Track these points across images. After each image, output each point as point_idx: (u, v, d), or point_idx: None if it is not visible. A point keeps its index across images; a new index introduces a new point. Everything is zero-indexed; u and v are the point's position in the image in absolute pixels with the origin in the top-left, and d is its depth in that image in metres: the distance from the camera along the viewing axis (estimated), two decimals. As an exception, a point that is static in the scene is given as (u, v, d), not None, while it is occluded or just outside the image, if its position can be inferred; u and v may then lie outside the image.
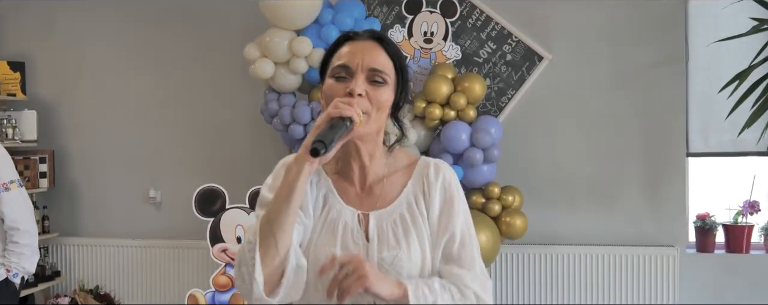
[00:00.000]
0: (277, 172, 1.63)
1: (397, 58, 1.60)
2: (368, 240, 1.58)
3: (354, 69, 1.54)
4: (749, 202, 4.45)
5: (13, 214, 3.05)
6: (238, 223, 4.05)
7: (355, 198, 1.64)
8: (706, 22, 4.41)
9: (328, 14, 4.01)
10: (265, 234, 1.45)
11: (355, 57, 1.55)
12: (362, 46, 1.57)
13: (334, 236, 1.58)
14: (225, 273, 4.05)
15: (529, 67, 4.44)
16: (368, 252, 1.57)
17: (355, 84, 1.53)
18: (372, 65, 1.55)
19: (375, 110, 1.54)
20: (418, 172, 1.67)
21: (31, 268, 3.14)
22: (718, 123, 4.40)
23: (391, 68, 1.58)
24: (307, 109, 3.95)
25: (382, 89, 1.56)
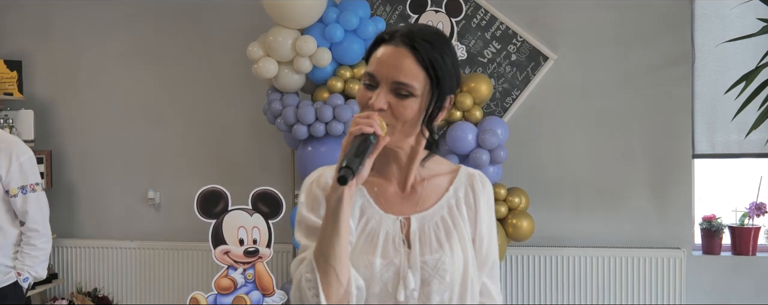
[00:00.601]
0: (307, 190, 1.59)
1: (432, 65, 1.47)
2: (409, 244, 1.54)
3: (379, 80, 1.47)
4: (756, 204, 4.43)
5: (35, 215, 3.06)
6: (241, 225, 3.99)
7: (394, 200, 1.58)
8: (713, 23, 4.40)
9: (333, 13, 3.96)
10: (323, 268, 1.41)
11: (381, 66, 1.47)
12: (392, 54, 1.47)
13: (374, 245, 1.53)
14: (227, 275, 3.99)
15: (534, 68, 4.41)
16: (410, 257, 1.52)
17: (376, 98, 1.45)
18: (396, 78, 1.45)
19: (400, 123, 1.47)
20: (462, 179, 1.63)
21: (42, 273, 3.14)
22: (725, 124, 4.39)
23: (421, 78, 1.46)
24: (312, 109, 3.89)
25: (407, 101, 1.46)
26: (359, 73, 4.04)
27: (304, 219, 1.54)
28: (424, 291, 1.51)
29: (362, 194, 1.57)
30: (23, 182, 3.03)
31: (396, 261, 1.51)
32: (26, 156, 3.06)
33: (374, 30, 3.99)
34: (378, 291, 1.50)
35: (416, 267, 1.51)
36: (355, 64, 4.08)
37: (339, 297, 1.42)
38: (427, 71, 1.47)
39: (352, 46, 3.98)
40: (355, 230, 1.53)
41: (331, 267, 1.40)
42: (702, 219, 4.51)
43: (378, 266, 1.50)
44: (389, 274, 1.50)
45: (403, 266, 1.51)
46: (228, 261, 4.00)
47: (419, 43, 1.47)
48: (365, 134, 1.39)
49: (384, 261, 1.51)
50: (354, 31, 3.98)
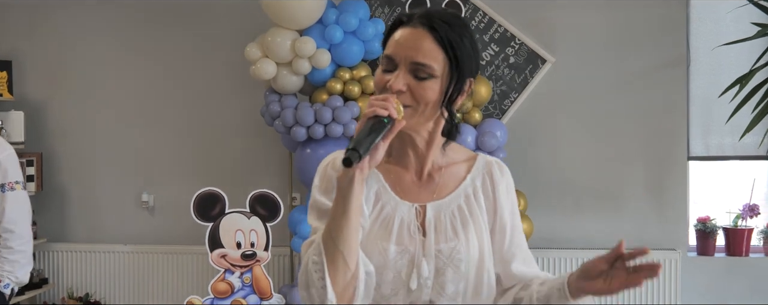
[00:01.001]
0: (322, 173, 1.57)
1: (451, 46, 1.44)
2: (424, 232, 1.52)
3: (397, 62, 1.45)
4: (749, 205, 4.49)
5: (13, 214, 2.91)
6: (238, 228, 3.95)
7: (411, 187, 1.56)
8: (708, 27, 4.46)
9: (333, 14, 3.94)
10: (331, 252, 1.38)
11: (399, 48, 1.45)
12: (410, 35, 1.44)
13: (388, 231, 1.51)
14: (224, 279, 3.95)
15: (532, 70, 4.42)
16: (425, 245, 1.50)
17: (394, 79, 1.43)
18: (415, 59, 1.43)
19: (422, 105, 1.44)
20: (480, 167, 1.61)
21: (24, 278, 2.97)
22: (719, 127, 4.45)
23: (440, 59, 1.44)
24: (311, 111, 3.87)
25: (427, 83, 1.43)
26: (359, 75, 4.02)
27: (316, 202, 1.52)
28: (439, 280, 1.49)
29: (378, 179, 1.55)
30: (2, 180, 2.91)
31: (411, 248, 1.50)
32: (6, 153, 2.94)
33: (374, 31, 3.98)
34: (391, 278, 1.49)
35: (431, 255, 1.49)
36: (355, 66, 4.06)
37: (346, 281, 1.39)
38: (446, 52, 1.44)
39: (352, 47, 3.96)
40: (368, 215, 1.52)
41: (339, 251, 1.37)
42: (697, 221, 4.57)
43: (392, 252, 1.49)
44: (403, 261, 1.49)
45: (418, 254, 1.49)
46: (225, 264, 3.96)
47: (438, 24, 1.44)
48: (379, 116, 1.36)
49: (398, 248, 1.49)
50: (353, 32, 3.97)
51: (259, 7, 4.06)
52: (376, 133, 1.35)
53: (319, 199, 1.52)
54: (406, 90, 1.43)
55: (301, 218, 4.07)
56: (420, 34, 1.44)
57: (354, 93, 3.97)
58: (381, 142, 1.37)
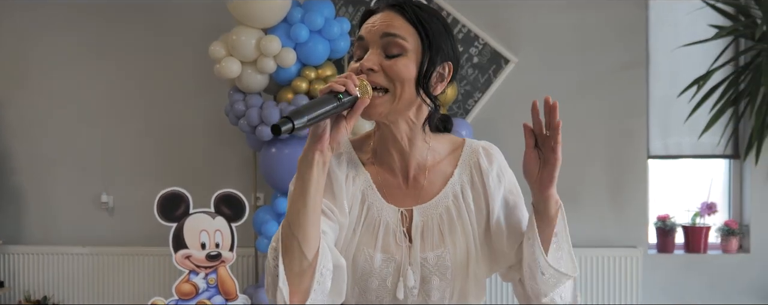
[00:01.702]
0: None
1: (421, 24, 1.40)
2: (411, 239, 1.46)
3: (368, 41, 1.40)
4: (707, 204, 4.59)
5: None
6: (203, 228, 3.90)
7: (397, 192, 1.50)
8: (667, 29, 4.56)
9: (298, 13, 3.91)
10: (287, 237, 1.31)
11: (370, 27, 1.41)
12: (380, 17, 1.41)
13: (374, 237, 1.46)
14: (188, 280, 3.89)
15: (495, 71, 4.46)
16: (411, 253, 1.46)
17: (366, 58, 1.38)
18: (385, 30, 1.38)
19: (397, 85, 1.38)
20: (466, 160, 1.53)
21: None
22: (678, 127, 4.54)
23: (411, 34, 1.39)
24: (276, 110, 3.84)
25: (400, 60, 1.38)
26: (324, 74, 4.00)
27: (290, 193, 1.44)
28: (424, 287, 1.45)
29: (366, 178, 1.50)
30: None
31: (397, 256, 1.45)
32: None
33: (339, 30, 3.97)
34: (376, 286, 1.45)
35: (417, 263, 1.45)
36: (320, 65, 4.04)
37: (301, 269, 1.30)
38: (418, 29, 1.40)
39: (317, 46, 3.94)
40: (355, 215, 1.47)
41: (295, 238, 1.30)
42: (656, 219, 4.65)
43: (378, 261, 1.44)
44: (389, 270, 1.45)
45: (404, 262, 1.45)
46: (189, 265, 3.90)
47: (407, 5, 1.42)
48: (334, 90, 1.29)
49: (384, 256, 1.45)
50: (319, 31, 3.94)
51: (222, 5, 4.02)
52: (321, 106, 1.26)
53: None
54: (378, 69, 1.38)
55: (265, 218, 4.04)
56: (390, 14, 1.42)
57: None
58: (345, 122, 1.32)
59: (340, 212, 1.44)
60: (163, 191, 3.90)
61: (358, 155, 1.53)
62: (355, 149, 1.55)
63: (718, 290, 4.51)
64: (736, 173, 4.67)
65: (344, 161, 1.51)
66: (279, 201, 4.01)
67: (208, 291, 3.91)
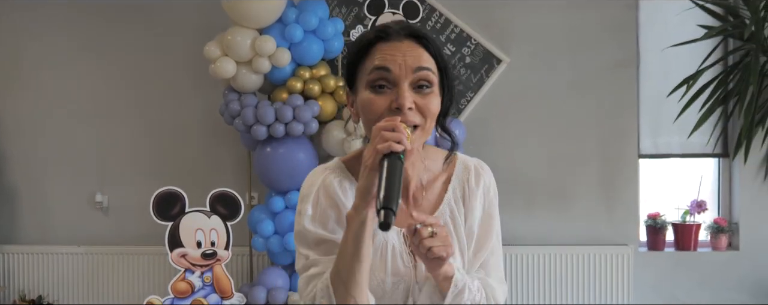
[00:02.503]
0: (313, 200, 1.49)
1: (441, 58, 1.42)
2: (415, 259, 1.47)
3: (397, 75, 1.36)
4: (696, 202, 4.63)
5: None
6: (198, 227, 3.95)
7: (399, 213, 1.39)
8: (657, 29, 4.61)
9: (292, 13, 3.98)
10: (342, 297, 1.34)
11: (396, 58, 1.36)
12: (402, 47, 1.38)
13: (384, 262, 1.47)
14: (184, 278, 3.93)
15: (487, 70, 4.52)
16: (417, 273, 1.48)
17: (403, 96, 1.35)
18: (419, 64, 1.36)
19: (428, 121, 1.39)
20: (458, 176, 1.57)
21: None
22: (668, 126, 4.58)
23: (436, 71, 1.40)
24: (271, 109, 3.90)
25: (430, 96, 1.38)
26: (318, 73, 4.06)
27: (309, 233, 1.46)
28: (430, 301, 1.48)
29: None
30: None
31: (405, 278, 1.48)
32: None
33: (333, 31, 4.04)
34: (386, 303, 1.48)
35: (422, 281, 1.48)
36: (315, 65, 4.10)
37: None
38: (438, 63, 1.42)
39: (312, 46, 4.01)
40: None
41: (351, 297, 1.33)
42: (647, 217, 4.70)
43: (389, 284, 1.46)
44: (399, 291, 1.47)
45: (412, 282, 1.48)
46: (185, 264, 3.95)
47: (426, 36, 1.41)
48: (395, 152, 1.27)
49: (394, 279, 1.47)
50: (313, 31, 4.02)
51: (217, 5, 4.07)
52: (398, 178, 1.25)
53: (314, 231, 1.46)
54: (412, 107, 1.36)
55: (260, 217, 4.10)
56: (413, 46, 1.40)
57: (314, 92, 4.01)
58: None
59: None
60: (158, 190, 3.95)
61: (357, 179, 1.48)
62: (352, 172, 1.54)
63: (708, 287, 4.57)
64: (725, 171, 4.74)
65: (347, 189, 1.50)
66: (273, 200, 4.07)
67: (203, 289, 3.96)
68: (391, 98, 1.37)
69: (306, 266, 1.45)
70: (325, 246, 1.45)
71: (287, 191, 4.10)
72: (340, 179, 1.51)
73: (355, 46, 1.44)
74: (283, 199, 4.08)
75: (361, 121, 1.44)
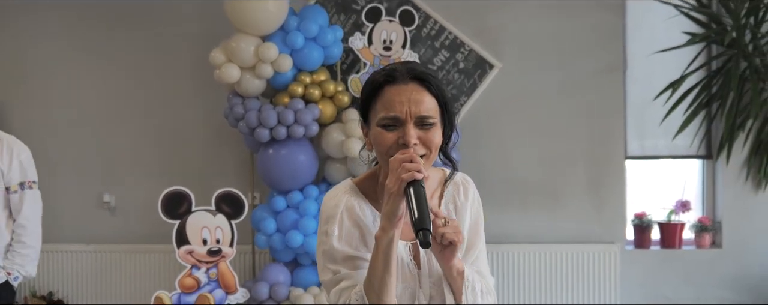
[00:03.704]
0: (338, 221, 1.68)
1: (442, 96, 1.63)
2: (419, 266, 1.69)
3: (403, 118, 1.59)
4: (681, 201, 4.75)
5: (28, 211, 3.16)
6: (204, 225, 4.10)
7: (405, 227, 1.63)
8: (643, 35, 4.73)
9: (294, 21, 4.13)
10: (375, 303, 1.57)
11: (402, 106, 1.59)
12: (406, 92, 1.60)
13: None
14: (191, 274, 4.10)
15: (480, 75, 4.66)
16: (420, 279, 1.69)
17: (408, 135, 1.58)
18: (420, 113, 1.59)
19: (433, 150, 1.62)
20: (449, 192, 1.77)
21: (32, 272, 3.21)
22: (654, 128, 4.70)
23: (436, 109, 1.63)
24: (274, 113, 4.05)
25: (433, 131, 1.61)
26: (318, 79, 4.23)
27: (337, 251, 1.66)
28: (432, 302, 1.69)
29: (376, 219, 1.70)
30: (22, 179, 3.15)
31: (411, 284, 1.68)
32: (26, 154, 3.20)
33: (333, 38, 4.20)
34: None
35: (426, 286, 1.69)
36: (315, 70, 4.26)
37: None
38: (439, 101, 1.63)
39: (312, 53, 4.16)
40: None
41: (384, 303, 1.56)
42: (634, 216, 4.82)
43: (399, 289, 1.66)
44: (405, 296, 1.67)
45: (416, 287, 1.69)
46: (191, 260, 4.11)
47: (427, 78, 1.63)
48: (417, 180, 1.51)
49: (403, 285, 1.67)
50: (314, 38, 4.17)
51: (220, 11, 4.21)
52: (424, 200, 1.51)
53: (340, 248, 1.66)
54: (417, 142, 1.59)
55: (263, 216, 4.24)
56: (415, 88, 1.61)
57: (314, 96, 4.17)
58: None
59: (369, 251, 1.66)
60: (166, 190, 4.11)
61: (369, 201, 1.73)
62: (364, 194, 1.74)
63: (692, 283, 4.69)
64: (709, 172, 4.84)
65: (365, 209, 1.71)
66: (275, 200, 4.21)
67: (209, 284, 4.12)
68: (399, 134, 1.60)
69: (336, 280, 1.65)
70: (353, 262, 1.66)
71: (289, 191, 4.24)
72: (359, 201, 1.72)
73: (367, 87, 1.66)
74: (285, 199, 4.22)
75: (375, 150, 1.67)
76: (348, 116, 4.27)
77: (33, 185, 3.22)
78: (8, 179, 3.14)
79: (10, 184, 3.15)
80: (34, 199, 3.21)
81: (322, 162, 4.42)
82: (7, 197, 3.16)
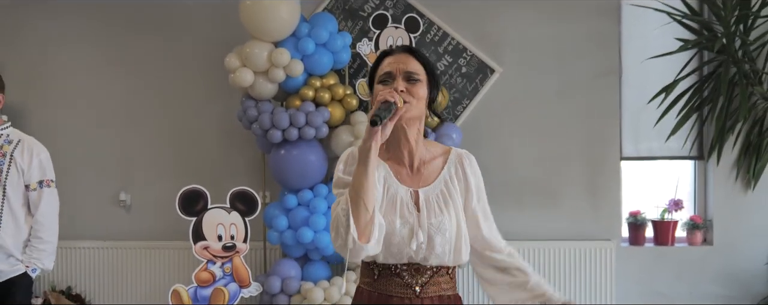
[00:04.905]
0: (346, 160, 2.11)
1: (427, 63, 2.08)
2: (419, 209, 2.06)
3: (395, 73, 2.03)
4: (674, 200, 4.87)
5: (46, 208, 3.34)
6: (219, 222, 4.27)
7: (406, 178, 2.10)
8: (637, 42, 4.85)
9: (305, 28, 4.31)
10: (355, 199, 1.90)
11: (394, 65, 2.05)
12: (398, 57, 2.07)
13: (394, 208, 2.05)
14: (207, 269, 4.27)
15: (482, 79, 4.82)
16: (420, 220, 2.04)
17: (396, 83, 2.02)
18: (407, 69, 2.04)
19: (415, 100, 2.02)
20: (453, 160, 2.16)
21: (49, 265, 3.39)
22: (648, 131, 4.82)
23: (422, 70, 2.07)
24: (286, 115, 4.23)
25: (417, 85, 2.04)
26: (328, 82, 4.40)
27: (341, 179, 2.06)
28: (430, 244, 2.04)
29: (385, 168, 2.09)
30: (41, 178, 3.34)
31: (410, 220, 2.04)
32: (45, 154, 3.38)
33: (342, 44, 4.36)
34: (397, 242, 2.03)
35: (424, 227, 2.04)
36: (325, 75, 4.43)
37: (365, 221, 1.90)
38: (425, 67, 2.07)
39: (322, 58, 4.33)
40: (381, 193, 2.04)
41: (361, 199, 1.90)
42: (628, 214, 4.95)
43: (398, 224, 2.03)
44: (405, 230, 2.03)
45: (415, 225, 2.04)
46: (207, 255, 4.29)
47: (415, 50, 2.11)
48: (388, 101, 1.91)
49: (402, 221, 2.04)
50: (324, 44, 4.34)
51: (232, 18, 4.36)
52: (387, 111, 1.89)
53: (344, 177, 2.06)
54: (404, 89, 2.01)
55: (275, 213, 4.41)
56: (406, 56, 2.08)
57: (324, 99, 4.35)
58: (388, 122, 1.91)
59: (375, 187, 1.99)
60: (184, 189, 4.27)
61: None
62: None
63: (684, 279, 4.82)
64: (700, 173, 4.95)
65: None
66: (287, 198, 4.37)
67: (224, 278, 4.30)
68: (391, 86, 2.02)
69: (338, 198, 2.00)
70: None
71: (299, 189, 4.41)
72: None
73: (374, 62, 2.13)
74: (296, 197, 4.39)
75: (373, 103, 2.02)
76: (356, 119, 4.44)
77: (51, 184, 3.42)
78: (28, 178, 3.34)
79: (30, 182, 3.35)
80: (51, 197, 3.42)
81: (331, 162, 4.57)
82: (27, 195, 3.34)
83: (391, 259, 2.06)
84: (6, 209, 3.30)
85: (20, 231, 3.33)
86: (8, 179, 3.30)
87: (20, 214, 3.33)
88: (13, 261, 3.30)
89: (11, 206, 3.30)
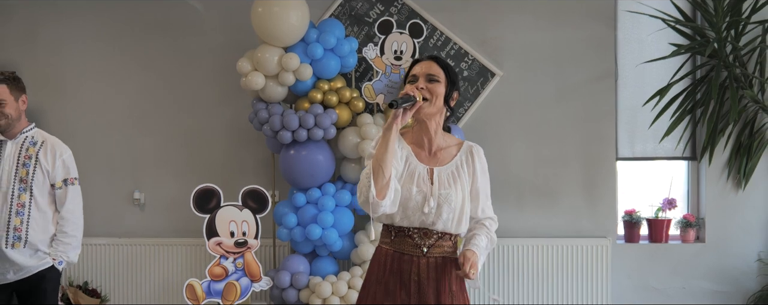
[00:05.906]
0: (377, 139, 2.56)
1: (446, 68, 2.62)
2: (433, 182, 2.58)
3: (419, 76, 2.61)
4: (668, 199, 4.99)
5: (71, 205, 3.51)
6: (232, 219, 4.43)
7: (425, 158, 2.65)
8: (633, 46, 4.97)
9: (314, 34, 4.47)
10: (375, 165, 2.44)
11: (419, 69, 2.62)
12: (424, 63, 2.63)
13: (412, 179, 2.58)
14: (219, 264, 4.43)
15: (483, 83, 4.96)
16: (432, 190, 2.56)
17: (419, 82, 2.58)
18: (428, 72, 2.60)
19: (434, 97, 2.57)
20: (465, 150, 2.69)
21: (74, 259, 3.57)
22: (643, 132, 4.94)
23: (442, 74, 2.61)
24: (296, 117, 4.38)
25: (436, 84, 2.59)
26: (336, 86, 4.56)
27: (370, 153, 2.54)
28: (438, 211, 2.56)
29: (409, 150, 2.63)
30: (65, 176, 3.52)
31: (424, 189, 2.57)
32: (68, 153, 3.56)
33: (349, 48, 4.51)
34: (412, 206, 2.56)
35: (435, 196, 2.56)
36: (333, 78, 4.58)
37: (383, 184, 2.43)
38: (445, 72, 2.61)
39: (330, 62, 4.49)
40: (403, 168, 2.56)
41: (380, 165, 2.43)
42: (624, 213, 5.06)
43: (414, 191, 2.56)
44: (419, 197, 2.56)
45: (428, 194, 2.56)
46: (220, 251, 4.45)
47: (438, 58, 2.66)
48: (408, 94, 2.46)
49: (417, 190, 2.57)
50: (332, 49, 4.49)
51: (243, 23, 4.49)
52: (405, 100, 2.44)
53: (372, 151, 2.54)
54: (424, 88, 2.56)
55: (285, 211, 4.57)
56: (430, 63, 2.64)
57: (332, 102, 4.51)
58: (408, 111, 2.46)
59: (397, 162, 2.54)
60: (198, 187, 4.43)
61: (404, 139, 2.69)
62: (402, 135, 2.69)
63: (677, 275, 4.94)
64: (693, 172, 5.05)
65: (399, 142, 2.61)
66: (296, 197, 4.52)
67: (236, 273, 4.46)
68: (416, 85, 2.57)
69: (367, 165, 2.51)
70: None
71: (308, 188, 4.55)
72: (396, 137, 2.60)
73: (409, 66, 2.69)
74: (305, 195, 4.53)
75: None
76: (362, 120, 4.58)
77: (74, 182, 3.61)
78: (53, 177, 3.53)
79: (55, 181, 3.54)
80: (75, 194, 3.61)
81: (338, 162, 4.74)
82: (53, 193, 3.52)
83: (406, 222, 2.58)
84: (33, 208, 3.48)
85: (47, 228, 3.51)
86: (34, 181, 3.48)
87: (47, 212, 3.51)
88: (42, 255, 3.48)
89: (38, 205, 3.49)
